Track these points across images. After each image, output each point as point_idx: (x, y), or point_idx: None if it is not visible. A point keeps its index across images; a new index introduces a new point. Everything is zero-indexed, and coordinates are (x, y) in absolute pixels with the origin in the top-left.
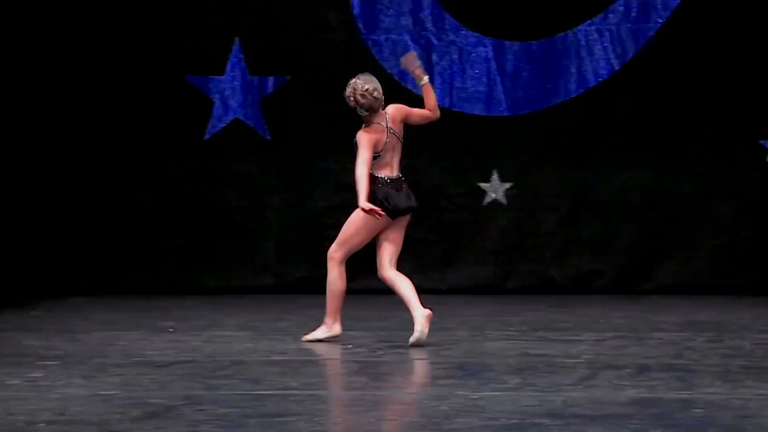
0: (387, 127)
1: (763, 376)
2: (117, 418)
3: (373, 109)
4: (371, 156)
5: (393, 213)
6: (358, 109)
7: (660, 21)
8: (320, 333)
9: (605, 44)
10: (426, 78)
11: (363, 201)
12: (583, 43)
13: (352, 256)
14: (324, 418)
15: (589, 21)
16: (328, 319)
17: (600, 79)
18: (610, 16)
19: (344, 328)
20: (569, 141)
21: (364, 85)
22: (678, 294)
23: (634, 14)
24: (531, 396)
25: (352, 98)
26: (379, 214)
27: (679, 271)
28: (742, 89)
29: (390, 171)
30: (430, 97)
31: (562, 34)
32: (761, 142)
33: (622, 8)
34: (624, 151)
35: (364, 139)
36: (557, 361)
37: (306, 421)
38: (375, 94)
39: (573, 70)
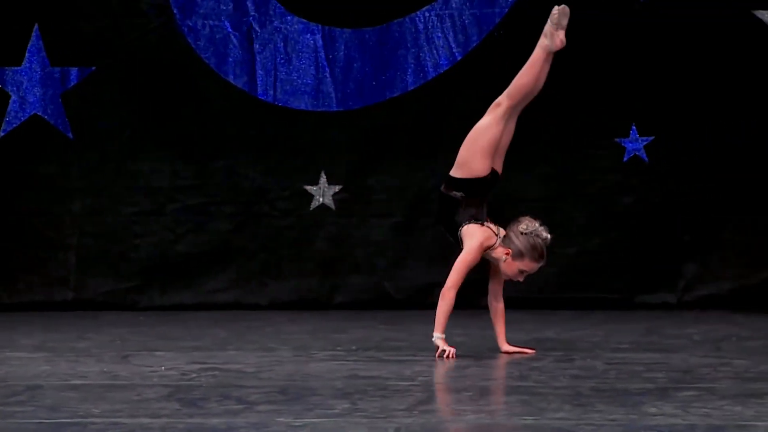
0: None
1: (616, 399)
2: None
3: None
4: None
5: None
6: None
7: (506, 6)
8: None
9: (446, 31)
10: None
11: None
12: (421, 30)
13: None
14: None
15: (428, 6)
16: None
17: (440, 71)
18: (451, 0)
19: (168, 348)
20: (406, 139)
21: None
22: (523, 309)
23: None
24: (360, 423)
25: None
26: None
27: (525, 283)
28: (594, 81)
29: None
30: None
31: (398, 20)
32: (617, 140)
33: None
34: None
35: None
36: (390, 384)
37: None
38: None
39: (410, 60)
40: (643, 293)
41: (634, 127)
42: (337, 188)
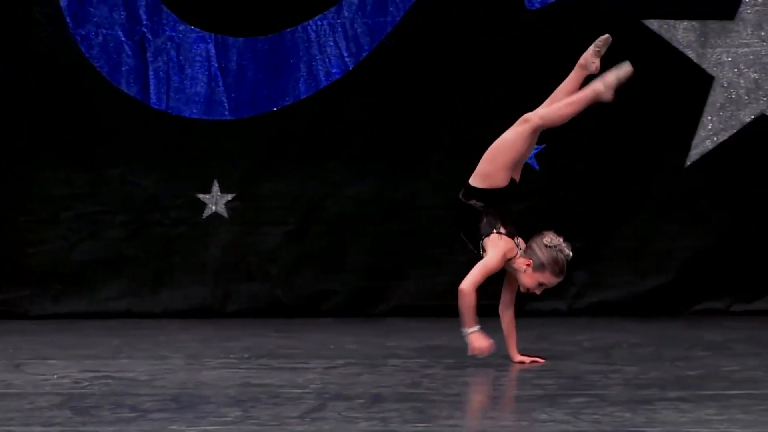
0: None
1: (507, 406)
2: None
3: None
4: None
5: None
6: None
7: (398, 15)
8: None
9: (338, 40)
10: None
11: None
12: (314, 39)
13: None
14: None
15: (321, 15)
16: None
17: (332, 79)
18: (345, 9)
19: (61, 356)
20: (298, 147)
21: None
22: (417, 316)
23: (369, 7)
24: (253, 431)
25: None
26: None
27: (418, 290)
28: (485, 90)
29: None
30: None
31: (290, 29)
32: None
33: (357, 0)
34: (359, 159)
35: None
36: (282, 392)
37: None
38: None
39: (303, 68)
40: (533, 300)
41: None
42: (230, 196)
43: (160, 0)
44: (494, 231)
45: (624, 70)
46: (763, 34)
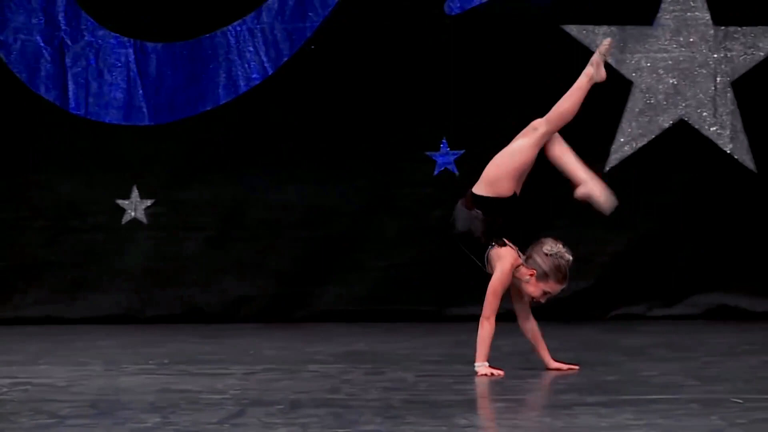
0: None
1: (427, 411)
2: None
3: None
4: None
5: None
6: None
7: (317, 20)
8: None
9: (258, 46)
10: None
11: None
12: (233, 44)
13: None
14: None
15: (240, 20)
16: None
17: (252, 84)
18: (264, 14)
19: None
20: (218, 153)
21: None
22: (336, 321)
23: (289, 13)
24: None
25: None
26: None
27: (338, 296)
28: (407, 96)
29: None
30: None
31: (209, 34)
32: (428, 153)
33: (276, 5)
34: (279, 164)
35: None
36: (202, 398)
37: None
38: None
39: (222, 74)
40: (453, 306)
41: (444, 141)
42: (149, 202)
43: (79, 5)
44: (497, 243)
45: (604, 45)
46: (681, 39)
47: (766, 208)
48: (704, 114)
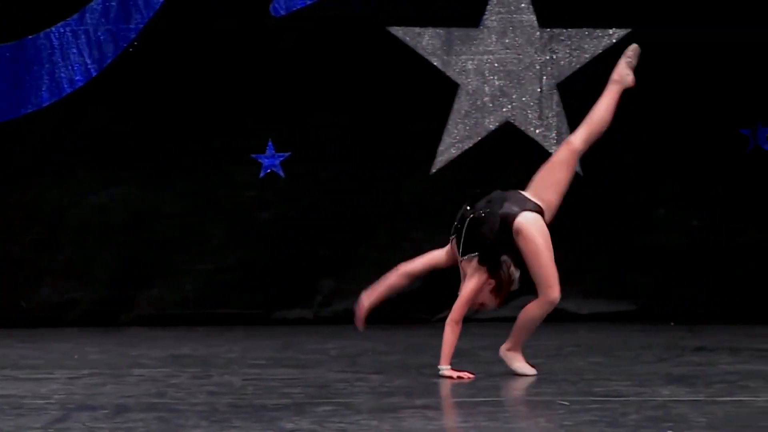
0: None
1: (253, 415)
2: None
3: None
4: None
5: None
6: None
7: (142, 22)
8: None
9: (81, 47)
10: None
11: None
12: (56, 46)
13: None
14: None
15: (63, 22)
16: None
17: (76, 86)
18: (87, 16)
19: None
20: (42, 156)
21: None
22: (162, 325)
23: (113, 14)
24: None
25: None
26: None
27: (162, 299)
28: (232, 97)
29: None
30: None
31: (33, 36)
32: (253, 156)
33: (100, 7)
34: (104, 167)
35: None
36: (25, 402)
37: None
38: None
39: (45, 76)
40: (280, 309)
41: (270, 143)
42: None
43: None
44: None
45: (630, 52)
46: (507, 41)
47: (593, 211)
48: (530, 116)
